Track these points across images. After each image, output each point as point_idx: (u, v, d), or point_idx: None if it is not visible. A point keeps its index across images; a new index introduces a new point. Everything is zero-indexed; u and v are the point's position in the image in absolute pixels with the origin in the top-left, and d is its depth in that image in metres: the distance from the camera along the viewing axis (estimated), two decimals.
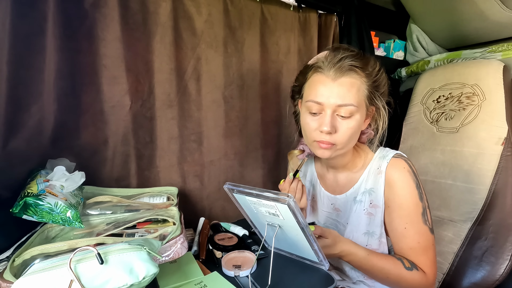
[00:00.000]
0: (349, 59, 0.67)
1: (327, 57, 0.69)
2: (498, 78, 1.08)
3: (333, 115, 0.68)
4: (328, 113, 0.67)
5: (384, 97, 0.73)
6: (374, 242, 0.75)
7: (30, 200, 0.63)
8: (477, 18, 1.21)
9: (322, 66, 0.68)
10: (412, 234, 0.69)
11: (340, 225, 0.81)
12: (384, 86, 0.73)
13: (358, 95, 0.67)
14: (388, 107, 0.74)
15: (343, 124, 0.68)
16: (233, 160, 1.14)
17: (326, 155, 0.71)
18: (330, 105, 0.67)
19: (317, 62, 0.71)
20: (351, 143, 0.72)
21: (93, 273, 0.46)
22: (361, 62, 0.68)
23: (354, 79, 0.67)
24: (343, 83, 0.66)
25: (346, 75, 0.67)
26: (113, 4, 0.84)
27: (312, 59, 0.76)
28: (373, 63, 0.71)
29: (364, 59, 0.69)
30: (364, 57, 0.70)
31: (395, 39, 1.57)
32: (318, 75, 0.69)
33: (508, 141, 1.01)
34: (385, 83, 0.73)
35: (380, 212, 0.73)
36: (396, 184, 0.71)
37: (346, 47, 0.72)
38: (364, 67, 0.68)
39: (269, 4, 1.13)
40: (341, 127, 0.68)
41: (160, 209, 0.84)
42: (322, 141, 0.69)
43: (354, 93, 0.67)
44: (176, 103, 0.99)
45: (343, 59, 0.67)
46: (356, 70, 0.67)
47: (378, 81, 0.71)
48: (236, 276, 0.70)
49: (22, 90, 0.73)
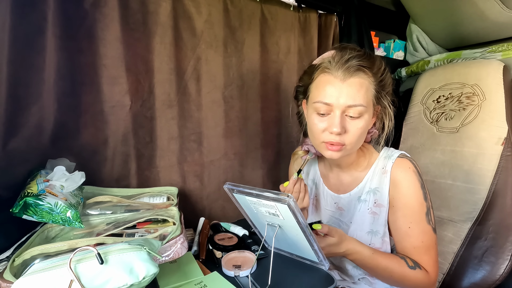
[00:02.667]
0: (356, 59, 0.66)
1: (334, 57, 0.68)
2: (498, 78, 1.08)
3: (342, 115, 0.67)
4: (337, 114, 0.66)
5: (389, 96, 0.73)
6: (377, 241, 0.76)
7: (30, 200, 0.63)
8: (477, 18, 1.21)
9: (330, 67, 0.68)
10: (416, 233, 0.70)
11: (343, 224, 0.82)
12: (390, 85, 0.73)
13: (367, 95, 0.67)
14: (393, 106, 0.74)
15: (353, 124, 0.68)
16: (233, 160, 1.14)
17: (335, 156, 0.70)
18: (339, 106, 0.66)
19: (323, 62, 0.70)
20: (360, 143, 0.72)
21: (93, 273, 0.46)
22: (368, 62, 0.68)
23: (362, 79, 0.67)
24: (353, 83, 0.66)
25: (355, 75, 0.66)
26: (113, 4, 0.84)
27: (318, 59, 0.75)
28: (379, 63, 0.71)
29: (371, 59, 0.69)
30: (370, 56, 0.70)
31: (395, 39, 1.57)
32: (325, 75, 0.69)
33: (508, 141, 1.01)
34: (390, 82, 0.73)
35: (384, 212, 0.74)
36: (401, 184, 0.71)
37: (353, 46, 0.72)
38: (371, 66, 0.68)
39: (269, 4, 1.13)
40: (351, 128, 0.68)
41: (160, 209, 0.84)
42: (332, 142, 0.68)
43: (363, 93, 0.66)
44: (176, 103, 0.99)
45: (351, 59, 0.66)
46: (364, 70, 0.67)
47: (384, 80, 0.71)
48: (236, 276, 0.70)
49: (22, 90, 0.72)
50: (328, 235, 0.68)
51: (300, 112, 0.84)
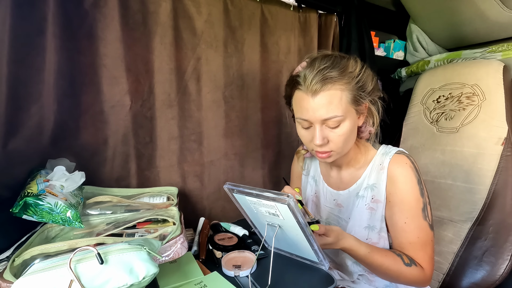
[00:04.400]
0: (323, 72, 0.65)
1: (304, 72, 0.68)
2: (498, 78, 1.08)
3: (322, 127, 0.69)
4: (317, 128, 0.69)
5: (374, 92, 0.72)
6: (374, 236, 0.77)
7: (30, 200, 0.63)
8: (477, 18, 1.21)
9: (301, 83, 0.68)
10: (412, 228, 0.70)
11: (342, 220, 0.83)
12: (372, 83, 0.71)
13: (340, 104, 0.67)
14: (382, 101, 0.74)
15: (333, 133, 0.69)
16: (233, 160, 1.14)
17: (328, 161, 0.74)
18: (316, 120, 0.68)
19: (297, 77, 0.70)
20: (349, 145, 0.73)
21: (93, 273, 0.46)
22: (337, 71, 0.66)
23: (333, 90, 0.66)
24: (323, 97, 0.66)
25: (324, 89, 0.66)
26: (113, 4, 0.84)
27: (295, 70, 0.74)
28: (353, 64, 0.69)
29: (341, 65, 0.68)
30: (341, 62, 0.68)
31: (395, 39, 1.57)
32: (299, 92, 0.70)
33: (508, 141, 1.01)
34: (371, 79, 0.71)
35: (381, 207, 0.75)
36: (398, 179, 0.72)
37: (322, 56, 0.71)
38: (341, 74, 0.66)
39: (269, 4, 1.13)
40: (333, 136, 0.69)
41: (160, 209, 0.84)
42: (319, 152, 0.72)
43: (336, 104, 0.66)
44: (176, 103, 0.99)
45: (318, 73, 0.66)
46: (333, 82, 0.66)
47: (362, 80, 0.69)
48: (236, 276, 0.70)
49: (22, 90, 0.73)
50: (325, 235, 0.69)
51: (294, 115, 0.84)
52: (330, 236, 0.68)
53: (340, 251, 0.77)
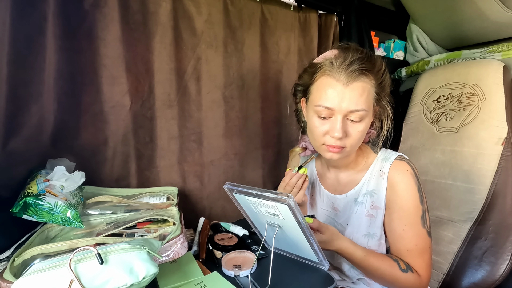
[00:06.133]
0: (359, 62, 0.64)
1: (337, 59, 0.66)
2: (498, 78, 1.08)
3: (344, 120, 0.66)
4: (339, 119, 0.65)
5: (388, 96, 0.72)
6: (373, 243, 0.75)
7: (30, 200, 0.63)
8: (477, 18, 1.21)
9: (332, 69, 0.66)
10: (410, 236, 0.70)
11: (338, 225, 0.81)
12: (389, 86, 0.72)
13: (368, 98, 0.66)
14: (391, 106, 0.74)
15: (354, 128, 0.67)
16: (233, 160, 1.14)
17: (335, 157, 0.70)
18: (341, 111, 0.65)
19: (325, 64, 0.68)
20: (359, 144, 0.72)
21: (93, 273, 0.46)
22: (370, 64, 0.66)
23: (365, 83, 0.66)
24: (355, 88, 0.64)
25: (357, 79, 0.64)
26: (113, 4, 0.84)
27: (319, 58, 0.72)
28: (379, 64, 0.69)
29: (372, 60, 0.68)
30: (372, 58, 0.68)
31: (395, 39, 1.57)
32: (327, 78, 0.66)
33: (508, 141, 1.01)
34: (389, 82, 0.72)
35: (381, 214, 0.74)
36: (398, 186, 0.71)
37: (355, 47, 0.70)
38: (373, 69, 0.67)
39: (269, 4, 1.13)
40: (352, 131, 0.67)
41: (160, 209, 0.84)
42: (333, 146, 0.68)
43: (365, 98, 0.65)
44: (176, 103, 0.99)
45: (354, 62, 0.64)
46: (367, 74, 0.65)
47: (384, 81, 0.70)
48: (236, 276, 0.70)
49: (22, 90, 0.72)
50: (319, 231, 0.68)
51: (298, 109, 0.83)
52: (324, 233, 0.68)
53: (336, 254, 0.75)
